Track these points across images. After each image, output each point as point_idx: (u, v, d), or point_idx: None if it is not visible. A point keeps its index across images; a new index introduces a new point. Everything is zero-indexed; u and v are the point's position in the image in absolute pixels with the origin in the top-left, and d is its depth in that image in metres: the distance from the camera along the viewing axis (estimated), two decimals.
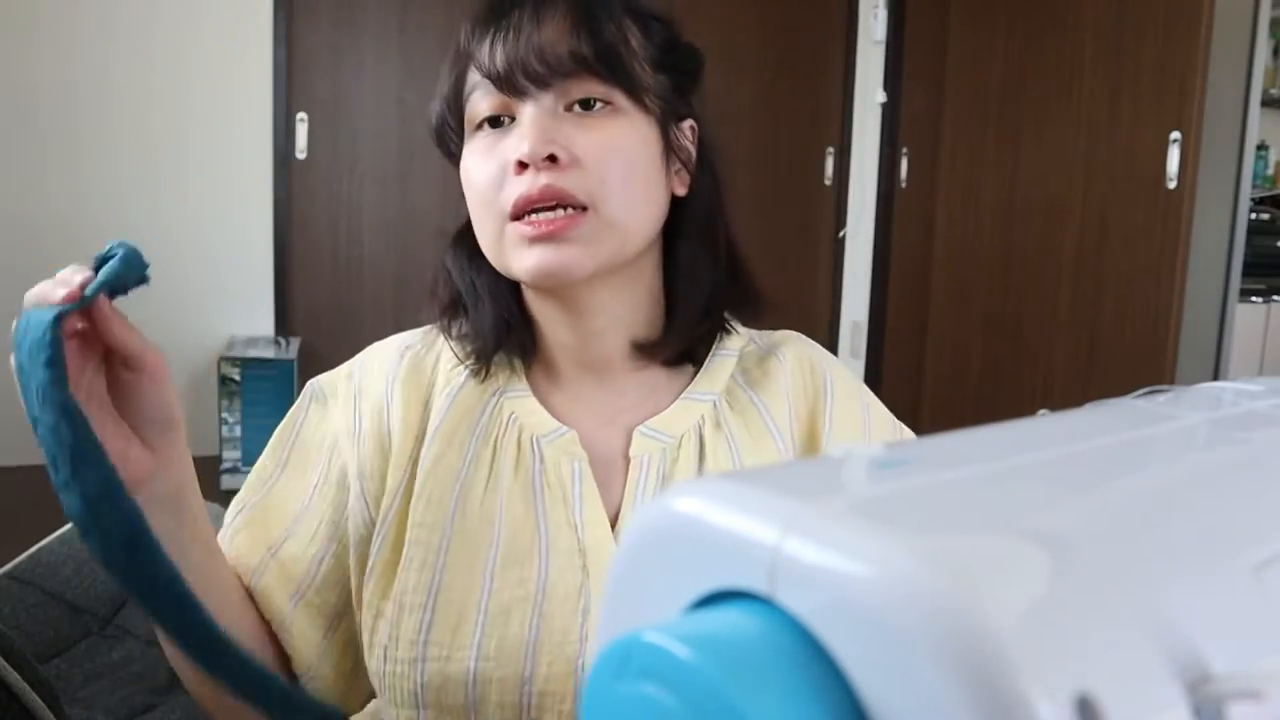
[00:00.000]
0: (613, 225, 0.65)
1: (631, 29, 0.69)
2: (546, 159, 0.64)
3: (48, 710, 0.81)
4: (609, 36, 0.67)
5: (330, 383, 0.75)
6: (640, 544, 0.23)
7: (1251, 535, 0.24)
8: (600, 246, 0.65)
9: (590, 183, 0.64)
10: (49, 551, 1.30)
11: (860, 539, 0.20)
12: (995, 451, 0.25)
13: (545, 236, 0.64)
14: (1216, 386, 0.34)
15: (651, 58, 0.70)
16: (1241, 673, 0.20)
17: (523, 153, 0.63)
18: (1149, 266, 2.65)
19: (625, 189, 0.66)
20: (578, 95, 0.66)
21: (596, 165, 0.65)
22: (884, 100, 3.60)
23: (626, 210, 0.66)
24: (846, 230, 3.78)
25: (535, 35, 0.65)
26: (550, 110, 0.65)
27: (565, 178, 0.64)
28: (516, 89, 0.65)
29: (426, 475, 0.69)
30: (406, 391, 0.72)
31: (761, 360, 0.76)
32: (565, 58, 0.65)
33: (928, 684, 0.18)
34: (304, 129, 3.15)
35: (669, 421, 0.72)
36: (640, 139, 0.68)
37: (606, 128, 0.66)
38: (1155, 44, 2.62)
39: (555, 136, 0.64)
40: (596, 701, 0.21)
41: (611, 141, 0.65)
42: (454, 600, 0.66)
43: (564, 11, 0.66)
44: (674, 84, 0.72)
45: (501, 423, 0.71)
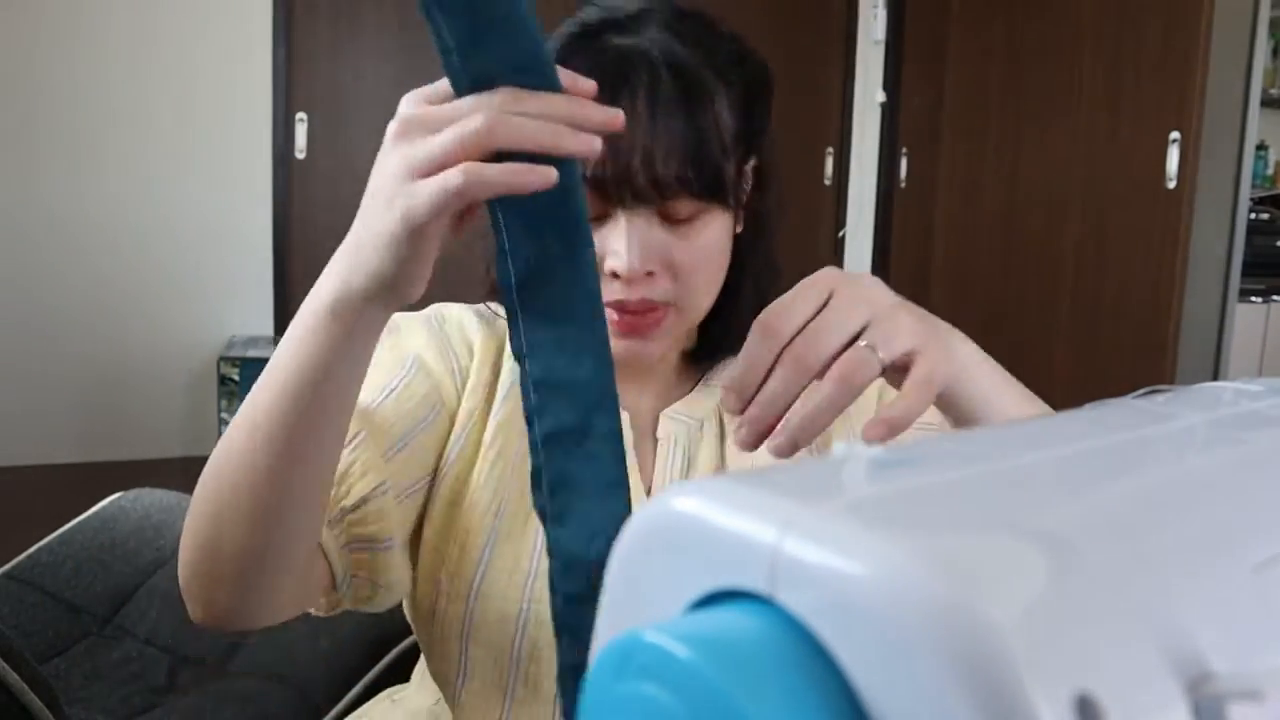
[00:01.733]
0: (691, 312, 0.71)
1: (722, 105, 0.67)
2: (645, 274, 0.66)
3: (46, 710, 0.81)
4: (716, 157, 0.66)
5: (405, 319, 0.75)
6: (640, 544, 0.23)
7: (1252, 535, 0.24)
8: (678, 331, 0.71)
9: (678, 289, 0.68)
10: (48, 551, 1.30)
11: (861, 539, 0.20)
12: (996, 451, 0.25)
13: (632, 333, 0.68)
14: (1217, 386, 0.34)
15: (737, 131, 0.68)
16: (1242, 672, 0.20)
17: (619, 267, 0.65)
18: (1148, 266, 2.65)
19: (707, 286, 0.70)
20: (675, 214, 0.67)
21: (689, 276, 0.68)
22: (884, 100, 3.60)
23: (705, 301, 0.71)
24: (846, 230, 3.78)
25: (648, 144, 0.64)
26: (645, 220, 0.66)
27: (656, 287, 0.67)
28: (616, 200, 0.65)
29: (499, 427, 0.72)
30: (485, 341, 0.75)
31: None
32: (673, 182, 0.65)
33: (928, 684, 0.18)
34: (303, 129, 3.15)
35: (692, 406, 0.77)
36: (723, 233, 0.70)
37: (701, 237, 0.68)
38: (1155, 44, 2.62)
39: (651, 250, 0.66)
40: (596, 701, 0.21)
41: (702, 251, 0.68)
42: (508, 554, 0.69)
43: (674, 117, 0.64)
44: (750, 139, 0.71)
45: None
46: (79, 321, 3.04)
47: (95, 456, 3.05)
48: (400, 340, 0.74)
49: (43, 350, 3.02)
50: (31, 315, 3.00)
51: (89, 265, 3.03)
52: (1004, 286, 3.17)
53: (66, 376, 3.04)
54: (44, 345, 3.02)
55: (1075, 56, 2.88)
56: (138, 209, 3.04)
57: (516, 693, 0.71)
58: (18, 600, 1.23)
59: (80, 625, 1.25)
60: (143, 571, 1.29)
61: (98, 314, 3.05)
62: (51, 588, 1.26)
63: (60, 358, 3.04)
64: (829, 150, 3.77)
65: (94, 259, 3.03)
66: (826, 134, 3.77)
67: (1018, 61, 3.09)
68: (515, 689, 0.71)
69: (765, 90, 0.72)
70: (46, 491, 2.77)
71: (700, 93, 0.66)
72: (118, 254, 3.04)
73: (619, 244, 0.66)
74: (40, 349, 3.02)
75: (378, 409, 0.68)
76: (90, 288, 3.03)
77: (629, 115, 0.62)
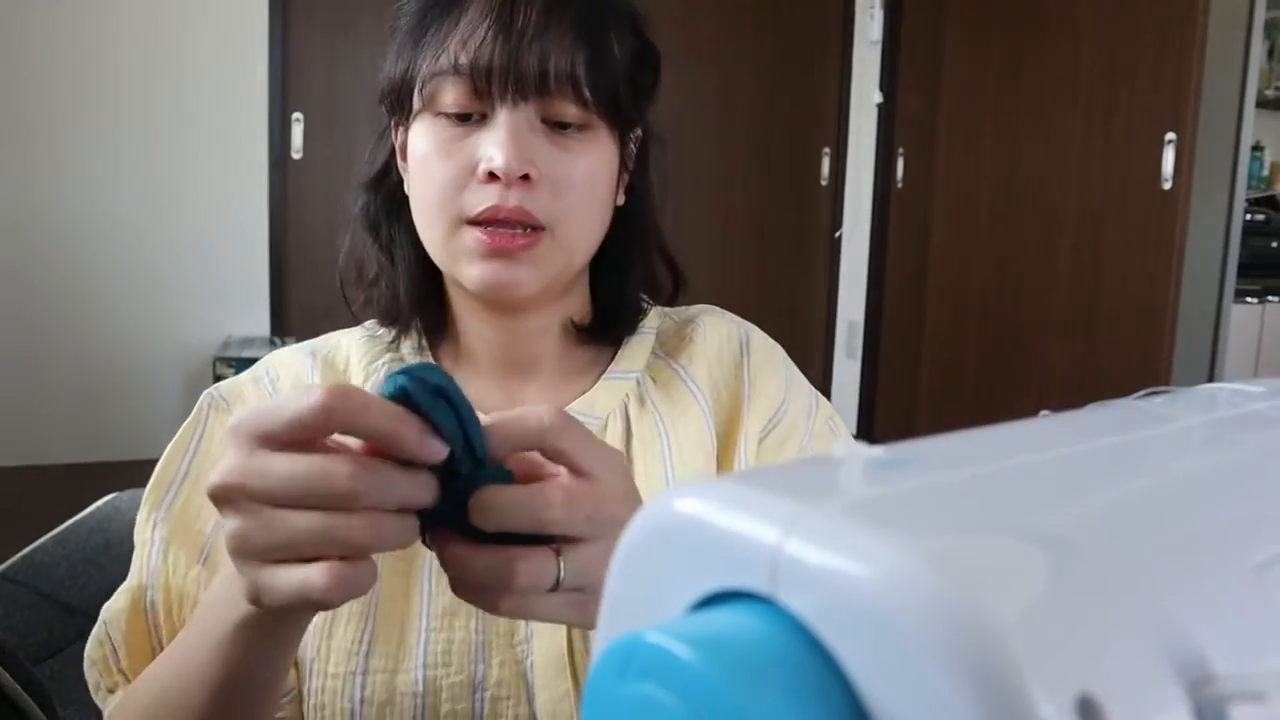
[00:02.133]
0: (566, 247, 0.65)
1: (617, 35, 0.66)
2: (520, 177, 0.62)
3: (40, 712, 0.81)
4: (610, 63, 0.64)
5: (233, 389, 0.70)
6: (641, 544, 0.23)
7: (1253, 535, 0.24)
8: (551, 266, 0.65)
9: (555, 206, 0.63)
10: (43, 552, 1.29)
11: (862, 539, 0.20)
12: (997, 452, 0.25)
13: (501, 252, 0.62)
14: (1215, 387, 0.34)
15: (625, 70, 0.66)
16: (1244, 673, 0.20)
17: (497, 165, 0.61)
18: (1144, 267, 2.65)
19: (586, 213, 0.66)
20: (558, 115, 0.63)
21: (565, 190, 0.63)
22: (880, 101, 3.60)
23: (582, 233, 0.66)
24: (843, 230, 3.78)
25: (538, 40, 0.61)
26: (528, 121, 0.62)
27: (533, 198, 0.62)
28: (500, 94, 0.62)
29: None
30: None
31: (679, 329, 0.77)
32: (563, 76, 0.62)
33: (929, 684, 0.18)
34: (300, 129, 3.15)
35: (592, 402, 0.71)
36: (605, 163, 0.66)
37: (582, 153, 0.64)
38: (1151, 45, 2.63)
39: (532, 154, 0.62)
40: (597, 702, 0.21)
41: (584, 168, 0.64)
42: (395, 609, 0.62)
43: (571, 18, 0.62)
44: (636, 93, 0.69)
45: None
46: (74, 321, 3.03)
47: (91, 457, 3.05)
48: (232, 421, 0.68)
49: (38, 350, 3.01)
50: (26, 314, 2.99)
51: (85, 265, 3.02)
52: (1000, 287, 3.18)
53: (62, 376, 3.04)
54: (39, 345, 3.01)
55: (1071, 58, 2.88)
56: (134, 209, 3.03)
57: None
58: (12, 601, 1.23)
59: (75, 626, 1.24)
60: None
61: (93, 314, 3.04)
62: (46, 588, 1.25)
63: (55, 357, 3.03)
64: (826, 151, 3.77)
65: (90, 259, 3.02)
66: (823, 135, 3.77)
67: (1014, 63, 3.10)
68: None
69: (654, 63, 0.70)
70: (42, 492, 2.76)
71: (600, 4, 0.64)
72: (114, 254, 3.04)
73: (495, 143, 0.61)
74: (36, 348, 3.01)
75: (216, 548, 0.63)
76: (86, 287, 3.03)
77: (522, 6, 0.61)
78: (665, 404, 0.72)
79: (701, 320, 0.77)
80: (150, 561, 0.64)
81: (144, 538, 0.65)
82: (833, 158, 3.77)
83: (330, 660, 0.62)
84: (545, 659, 0.62)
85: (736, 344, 0.75)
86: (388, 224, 0.71)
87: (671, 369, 0.74)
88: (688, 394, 0.72)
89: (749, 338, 0.76)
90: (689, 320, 0.77)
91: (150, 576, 0.63)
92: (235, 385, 0.70)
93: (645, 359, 0.74)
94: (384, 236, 0.71)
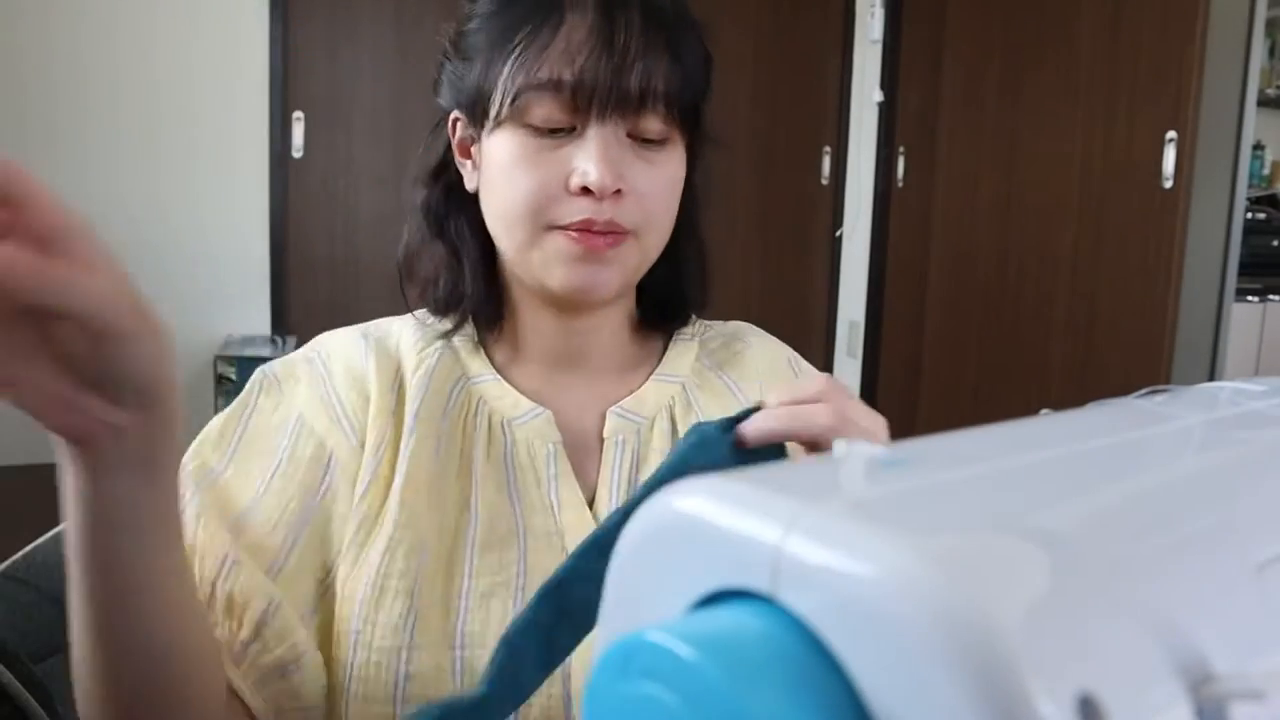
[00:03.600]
0: (647, 251, 0.68)
1: (695, 50, 0.68)
2: (614, 191, 0.64)
3: (42, 710, 0.81)
4: (694, 79, 0.66)
5: (286, 367, 0.70)
6: (642, 543, 0.23)
7: (1254, 535, 0.24)
8: (632, 269, 0.68)
9: (640, 216, 0.66)
10: (44, 551, 1.29)
11: (863, 538, 0.20)
12: (998, 451, 0.25)
13: (590, 256, 0.65)
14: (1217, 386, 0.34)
15: (701, 83, 0.69)
16: (1244, 672, 0.20)
17: (592, 181, 0.62)
18: (1145, 266, 2.65)
19: (665, 220, 0.68)
20: (645, 131, 0.65)
21: (649, 200, 0.66)
22: (881, 100, 3.60)
23: (660, 238, 0.69)
24: (843, 230, 3.78)
25: (640, 59, 0.63)
26: (616, 136, 0.64)
27: (623, 211, 0.64)
28: (599, 112, 0.63)
29: (410, 458, 0.66)
30: (380, 367, 0.69)
31: (727, 344, 0.79)
32: (659, 95, 0.64)
33: (930, 683, 0.18)
34: (300, 127, 3.15)
35: (640, 402, 0.72)
36: (680, 171, 0.69)
37: (664, 164, 0.67)
38: (1151, 43, 2.62)
39: (622, 168, 0.64)
40: (599, 701, 0.21)
41: (665, 179, 0.67)
42: (438, 588, 0.64)
43: (666, 37, 0.64)
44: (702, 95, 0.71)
45: (470, 408, 0.70)
46: None
47: None
48: (282, 401, 0.69)
49: None
50: None
51: None
52: (1001, 286, 3.18)
53: None
54: None
55: (1072, 57, 2.88)
56: (134, 207, 3.03)
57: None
58: (13, 599, 1.23)
59: None
60: None
61: None
62: (47, 587, 1.26)
63: None
64: (826, 149, 3.77)
65: None
66: (824, 133, 3.77)
67: (1015, 61, 3.10)
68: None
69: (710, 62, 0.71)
70: (43, 490, 2.76)
71: (687, 19, 0.67)
72: (114, 252, 3.04)
73: (589, 158, 0.63)
74: None
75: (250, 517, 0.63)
76: None
77: (622, 23, 0.62)
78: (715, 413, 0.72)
79: (749, 338, 0.79)
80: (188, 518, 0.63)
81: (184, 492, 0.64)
82: (833, 157, 3.77)
83: (376, 634, 0.62)
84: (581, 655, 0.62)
85: (787, 366, 0.78)
86: (452, 218, 0.72)
87: (722, 381, 0.76)
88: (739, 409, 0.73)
89: (798, 362, 0.79)
90: (735, 336, 0.80)
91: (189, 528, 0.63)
92: (288, 364, 0.71)
93: (690, 365, 0.76)
94: (449, 231, 0.72)
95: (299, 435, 0.67)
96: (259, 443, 0.67)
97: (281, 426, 0.67)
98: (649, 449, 0.71)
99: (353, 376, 0.69)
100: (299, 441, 0.67)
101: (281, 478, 0.65)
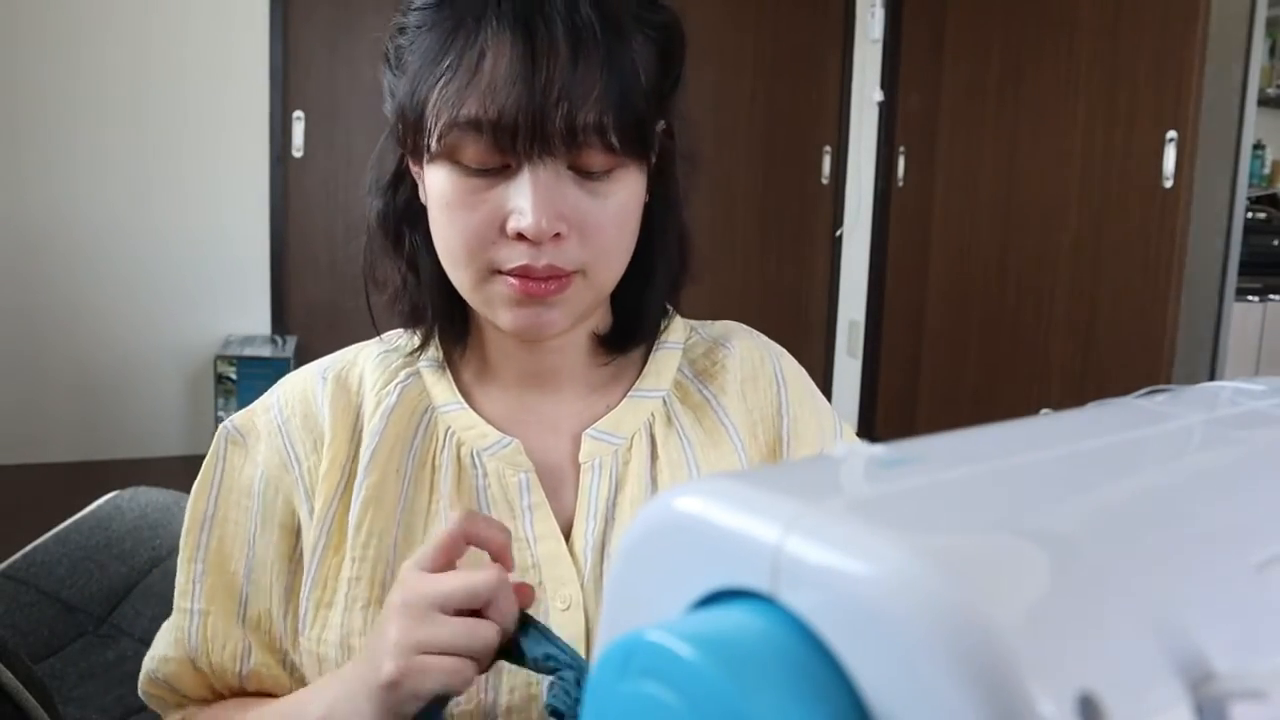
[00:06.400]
0: (598, 286, 0.63)
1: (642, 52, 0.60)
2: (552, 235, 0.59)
3: (41, 709, 0.81)
4: (636, 98, 0.58)
5: (245, 422, 0.70)
6: (642, 543, 0.23)
7: (1254, 534, 0.24)
8: (583, 305, 0.63)
9: (586, 254, 0.61)
10: (44, 550, 1.29)
11: (863, 538, 0.20)
12: (998, 451, 0.25)
13: (536, 299, 0.61)
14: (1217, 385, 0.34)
15: (654, 83, 0.61)
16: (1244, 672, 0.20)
17: (526, 227, 0.57)
18: (1145, 266, 2.65)
19: (617, 251, 0.63)
20: (586, 165, 0.59)
21: (596, 236, 0.60)
22: (881, 99, 3.60)
23: (614, 270, 0.64)
24: (843, 229, 3.78)
25: (565, 93, 0.56)
26: (554, 174, 0.58)
27: (564, 253, 0.59)
28: (525, 152, 0.57)
29: (365, 505, 0.64)
30: (336, 414, 0.67)
31: (709, 352, 0.74)
32: (590, 129, 0.57)
33: (930, 682, 0.18)
34: (300, 127, 3.15)
35: (618, 422, 0.69)
36: (636, 194, 0.63)
37: (611, 194, 0.60)
38: (1152, 43, 2.62)
39: (561, 208, 0.58)
40: (599, 701, 0.21)
41: (614, 211, 0.61)
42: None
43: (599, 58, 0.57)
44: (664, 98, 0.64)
45: (438, 440, 0.67)
46: (76, 319, 3.03)
47: (92, 455, 3.05)
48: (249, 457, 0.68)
49: (39, 348, 3.01)
50: (28, 313, 2.99)
51: (86, 263, 3.02)
52: (1001, 285, 3.18)
53: (63, 374, 3.04)
54: (40, 343, 3.02)
55: (1072, 56, 2.88)
56: (135, 207, 3.03)
57: None
58: (13, 599, 1.23)
59: (75, 624, 1.24)
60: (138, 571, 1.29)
61: (94, 312, 3.05)
62: (47, 586, 1.26)
63: (57, 355, 3.03)
64: (826, 149, 3.77)
65: (91, 257, 3.02)
66: (824, 133, 3.77)
67: (1015, 60, 3.10)
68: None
69: (681, 42, 0.64)
70: (43, 490, 2.76)
71: (623, 29, 0.58)
72: (115, 252, 3.04)
73: (524, 201, 0.57)
74: (37, 347, 3.01)
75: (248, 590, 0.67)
76: (87, 286, 3.03)
77: (545, 50, 0.55)
78: (695, 431, 0.69)
79: (732, 344, 0.74)
80: (191, 635, 0.67)
81: (184, 599, 0.68)
82: (833, 156, 3.77)
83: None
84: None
85: (771, 375, 0.73)
86: (409, 232, 0.68)
87: (702, 395, 0.71)
88: (720, 428, 0.70)
89: (782, 369, 0.74)
90: (719, 342, 0.74)
91: (193, 648, 0.67)
92: (248, 418, 0.70)
93: (672, 376, 0.71)
94: (405, 247, 0.68)
95: (266, 496, 0.67)
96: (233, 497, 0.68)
97: (250, 485, 0.68)
98: (627, 471, 0.67)
99: (309, 431, 0.68)
100: (269, 503, 0.67)
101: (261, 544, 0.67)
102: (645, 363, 0.72)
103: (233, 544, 0.68)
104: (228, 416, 0.72)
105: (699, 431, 0.69)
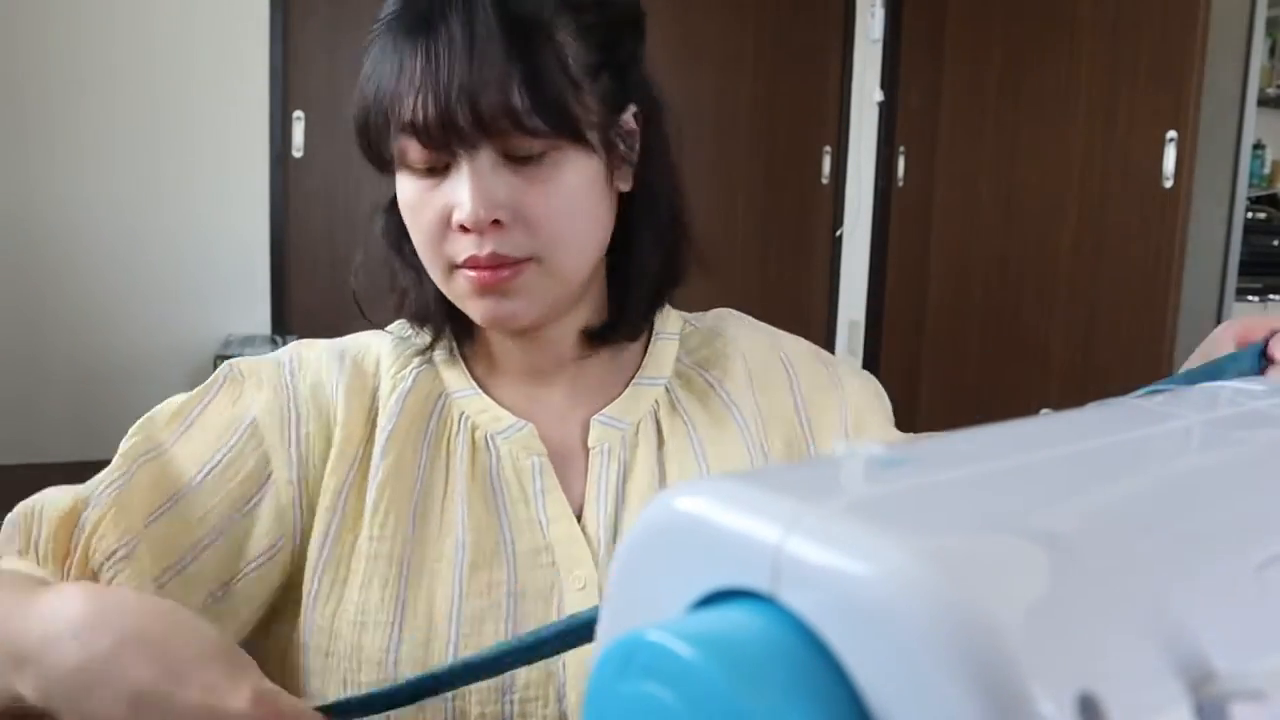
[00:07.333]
0: (559, 273, 0.64)
1: (567, 36, 0.62)
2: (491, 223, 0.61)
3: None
4: (553, 77, 0.60)
5: (252, 367, 0.69)
6: (642, 543, 0.23)
7: (1254, 534, 0.24)
8: (546, 294, 0.64)
9: (535, 241, 0.62)
10: None
11: (863, 538, 0.20)
12: (998, 451, 0.25)
13: (492, 289, 0.62)
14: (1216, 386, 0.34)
15: (590, 65, 0.62)
16: (1244, 672, 0.20)
17: (464, 218, 0.60)
18: (1146, 266, 2.65)
19: (572, 237, 0.64)
20: (516, 151, 0.61)
21: (543, 222, 0.62)
22: (881, 99, 3.60)
23: (573, 256, 0.64)
24: (843, 229, 3.78)
25: (465, 87, 0.58)
26: (489, 164, 0.60)
27: (509, 240, 0.61)
28: (448, 148, 0.60)
29: (382, 486, 0.65)
30: (350, 397, 0.68)
31: (707, 340, 0.75)
32: (499, 114, 0.59)
33: (931, 683, 0.18)
34: (301, 127, 3.15)
35: (624, 408, 0.70)
36: (586, 178, 0.63)
37: (551, 180, 0.61)
38: (1152, 43, 2.62)
39: (497, 196, 0.60)
40: (599, 701, 0.21)
41: (557, 196, 0.62)
42: (421, 614, 0.63)
43: (500, 46, 0.59)
44: (614, 78, 0.64)
45: (452, 424, 0.69)
46: (75, 319, 3.03)
47: (91, 455, 3.04)
48: (240, 398, 0.67)
49: (38, 347, 3.01)
50: (27, 312, 2.99)
51: (86, 263, 3.02)
52: (1001, 285, 3.18)
53: (62, 374, 3.04)
54: (40, 342, 3.02)
55: (1072, 55, 2.88)
56: (134, 206, 3.03)
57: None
58: None
59: None
60: None
61: (94, 311, 3.04)
62: None
63: (56, 355, 3.03)
64: (826, 149, 3.77)
65: (91, 256, 3.02)
66: (824, 133, 3.76)
67: (1015, 60, 3.10)
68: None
69: (631, 21, 0.66)
70: (41, 490, 2.76)
71: (527, 16, 0.60)
72: (114, 251, 3.04)
73: (463, 193, 0.60)
74: (36, 346, 3.01)
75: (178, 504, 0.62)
76: (87, 285, 3.03)
77: (445, 49, 0.59)
78: (701, 416, 0.71)
79: (729, 332, 0.75)
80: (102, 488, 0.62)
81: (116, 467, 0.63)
82: (833, 156, 3.77)
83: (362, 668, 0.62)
84: (577, 657, 0.61)
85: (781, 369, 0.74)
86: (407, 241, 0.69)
87: (705, 381, 0.73)
88: (727, 415, 0.71)
89: (788, 356, 0.75)
90: (715, 331, 0.76)
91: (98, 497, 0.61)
92: (255, 364, 0.69)
93: (671, 365, 0.73)
94: (407, 252, 0.70)
95: (246, 441, 0.66)
96: (209, 429, 0.66)
97: (233, 424, 0.66)
98: (635, 456, 0.69)
99: (319, 406, 0.68)
100: (245, 448, 0.65)
101: (217, 477, 0.64)
102: (645, 354, 0.73)
103: (184, 462, 0.64)
104: None
105: (704, 416, 0.71)
